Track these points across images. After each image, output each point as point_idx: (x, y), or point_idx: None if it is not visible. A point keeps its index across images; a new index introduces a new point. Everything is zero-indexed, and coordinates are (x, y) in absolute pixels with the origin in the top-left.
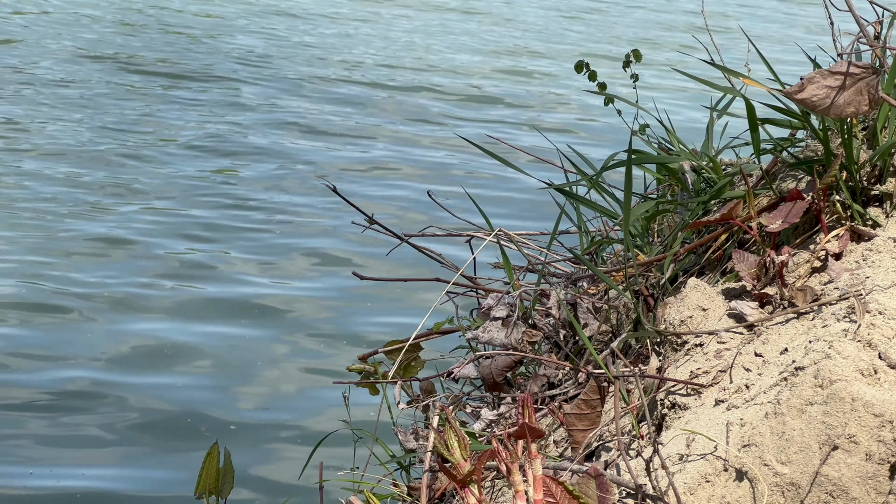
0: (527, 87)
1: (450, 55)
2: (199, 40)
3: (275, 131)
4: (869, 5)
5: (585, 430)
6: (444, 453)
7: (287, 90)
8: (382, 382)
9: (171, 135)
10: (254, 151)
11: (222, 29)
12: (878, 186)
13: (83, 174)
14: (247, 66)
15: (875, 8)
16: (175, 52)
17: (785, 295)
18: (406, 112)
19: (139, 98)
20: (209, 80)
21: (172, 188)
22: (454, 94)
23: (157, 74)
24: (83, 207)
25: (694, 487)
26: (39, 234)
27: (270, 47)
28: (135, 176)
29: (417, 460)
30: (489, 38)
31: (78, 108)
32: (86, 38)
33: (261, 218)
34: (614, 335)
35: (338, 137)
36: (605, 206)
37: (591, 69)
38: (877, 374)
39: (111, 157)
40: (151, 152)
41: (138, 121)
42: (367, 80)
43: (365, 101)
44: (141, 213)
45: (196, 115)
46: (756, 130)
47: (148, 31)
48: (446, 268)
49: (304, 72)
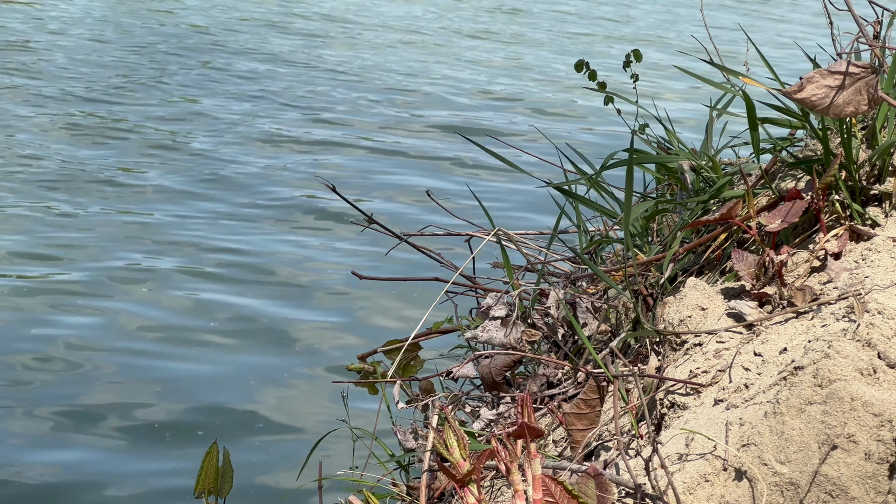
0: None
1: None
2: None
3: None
4: (869, 5)
5: (584, 429)
6: (444, 453)
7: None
8: (381, 382)
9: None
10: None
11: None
12: (878, 186)
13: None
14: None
15: (874, 7)
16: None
17: (784, 294)
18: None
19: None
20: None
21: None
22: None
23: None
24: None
25: (693, 487)
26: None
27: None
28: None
29: (416, 460)
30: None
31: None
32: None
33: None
34: (613, 335)
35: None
36: (604, 205)
37: (590, 69)
38: (876, 373)
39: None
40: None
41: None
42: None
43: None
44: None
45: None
46: (756, 129)
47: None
48: (445, 267)
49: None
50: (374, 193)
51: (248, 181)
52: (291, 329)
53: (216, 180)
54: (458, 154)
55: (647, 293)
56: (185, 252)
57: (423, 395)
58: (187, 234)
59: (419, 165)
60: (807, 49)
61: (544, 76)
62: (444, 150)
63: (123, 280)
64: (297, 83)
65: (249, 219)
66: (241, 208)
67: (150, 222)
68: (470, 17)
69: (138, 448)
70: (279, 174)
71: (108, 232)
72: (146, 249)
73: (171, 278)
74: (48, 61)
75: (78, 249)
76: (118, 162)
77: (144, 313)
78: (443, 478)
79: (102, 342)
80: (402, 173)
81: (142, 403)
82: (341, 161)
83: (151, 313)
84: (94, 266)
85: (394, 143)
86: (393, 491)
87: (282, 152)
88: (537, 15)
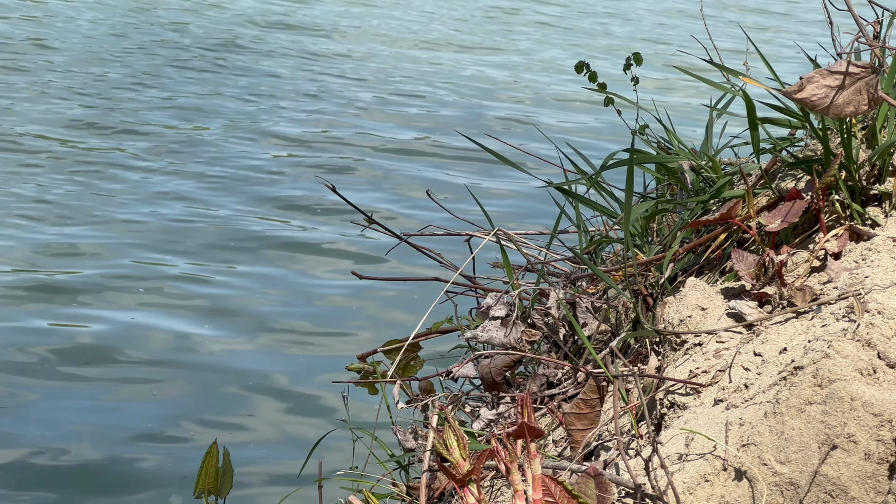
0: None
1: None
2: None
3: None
4: (868, 5)
5: (584, 429)
6: (444, 453)
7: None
8: (381, 382)
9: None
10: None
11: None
12: (878, 186)
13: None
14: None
15: (874, 7)
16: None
17: (784, 294)
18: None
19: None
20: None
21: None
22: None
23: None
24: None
25: (693, 487)
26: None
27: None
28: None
29: (416, 460)
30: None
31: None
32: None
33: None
34: (613, 335)
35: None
36: (604, 205)
37: (591, 70)
38: (876, 373)
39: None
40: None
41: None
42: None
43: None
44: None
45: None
46: (756, 129)
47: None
48: (445, 267)
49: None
50: (374, 193)
51: (246, 176)
52: (291, 328)
53: (216, 179)
54: (459, 153)
55: (647, 293)
56: (189, 248)
57: (423, 395)
58: (186, 234)
59: (419, 165)
60: (804, 51)
61: (547, 72)
62: (443, 149)
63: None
64: (299, 83)
65: (247, 216)
66: (240, 205)
67: (150, 220)
68: (477, 15)
69: (135, 445)
70: (279, 172)
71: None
72: (148, 247)
73: (169, 279)
74: (42, 59)
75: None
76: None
77: (142, 316)
78: (443, 478)
79: (114, 342)
80: (401, 174)
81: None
82: (342, 161)
83: (152, 311)
84: (102, 264)
85: (394, 144)
86: (393, 491)
87: (283, 150)
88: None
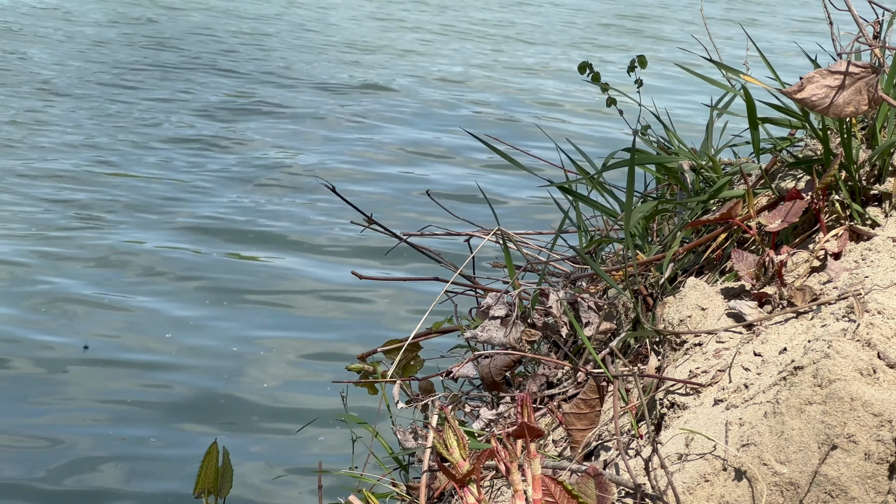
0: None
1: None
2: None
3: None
4: (868, 5)
5: (584, 429)
6: (443, 452)
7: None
8: (381, 382)
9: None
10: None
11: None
12: (878, 186)
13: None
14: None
15: (874, 8)
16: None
17: (784, 294)
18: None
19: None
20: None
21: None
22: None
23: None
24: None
25: (693, 487)
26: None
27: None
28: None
29: (416, 460)
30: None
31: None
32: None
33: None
34: (613, 335)
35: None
36: (605, 204)
37: (594, 71)
38: (876, 373)
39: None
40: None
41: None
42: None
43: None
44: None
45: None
46: (756, 128)
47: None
48: (445, 267)
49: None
50: (374, 193)
51: (247, 177)
52: (291, 328)
53: (215, 177)
54: (460, 154)
55: (647, 293)
56: (189, 245)
57: (423, 395)
58: (187, 232)
59: (420, 165)
60: (802, 51)
61: (550, 71)
62: (444, 150)
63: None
64: (302, 83)
65: (246, 216)
66: (239, 206)
67: (157, 219)
68: (482, 14)
69: (133, 444)
70: (280, 172)
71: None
72: (150, 245)
73: (170, 277)
74: (35, 57)
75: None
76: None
77: (148, 302)
78: (442, 478)
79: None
80: (403, 173)
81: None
82: (342, 161)
83: (153, 309)
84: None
85: (396, 143)
86: (393, 491)
87: (284, 149)
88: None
